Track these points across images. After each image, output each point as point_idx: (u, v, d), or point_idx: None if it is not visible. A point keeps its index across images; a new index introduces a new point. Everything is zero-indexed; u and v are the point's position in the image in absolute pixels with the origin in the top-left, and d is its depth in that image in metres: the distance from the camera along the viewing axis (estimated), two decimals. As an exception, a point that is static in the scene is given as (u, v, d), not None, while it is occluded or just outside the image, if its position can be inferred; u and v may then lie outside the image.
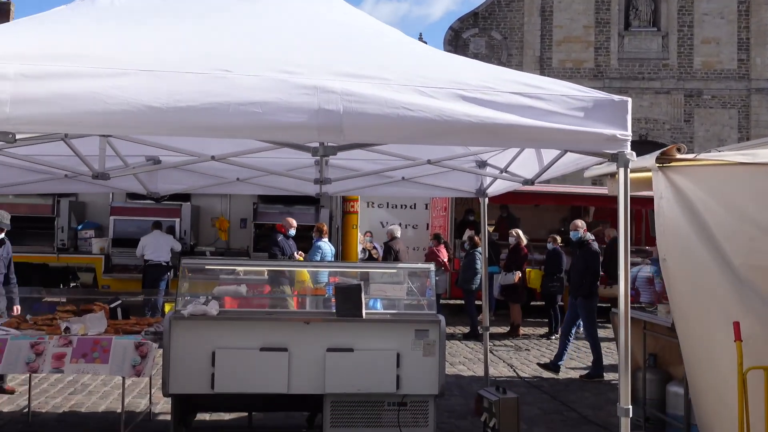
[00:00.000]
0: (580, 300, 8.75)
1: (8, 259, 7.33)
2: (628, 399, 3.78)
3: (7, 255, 7.31)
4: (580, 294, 8.76)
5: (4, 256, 7.26)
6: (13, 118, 3.32)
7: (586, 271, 8.78)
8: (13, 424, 6.13)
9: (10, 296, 7.18)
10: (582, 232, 9.10)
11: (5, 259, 7.28)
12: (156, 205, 13.09)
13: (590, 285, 8.74)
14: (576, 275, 8.91)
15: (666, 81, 23.14)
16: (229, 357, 5.49)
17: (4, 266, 7.26)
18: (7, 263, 7.31)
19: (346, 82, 3.53)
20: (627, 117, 3.69)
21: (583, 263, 8.84)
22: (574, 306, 8.91)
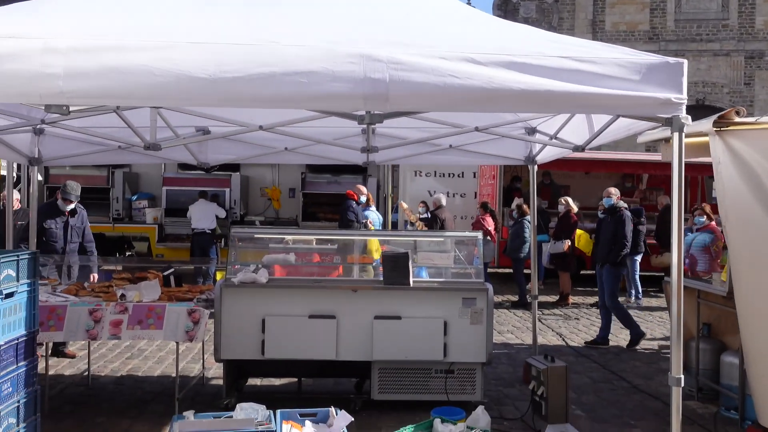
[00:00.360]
0: (607, 267, 8.64)
1: (82, 228, 7.55)
2: (679, 368, 3.73)
3: (81, 224, 7.53)
4: (609, 261, 8.65)
5: (78, 226, 7.48)
6: (66, 92, 3.40)
7: (614, 238, 8.66)
8: (75, 386, 6.38)
9: (87, 265, 7.44)
10: (615, 199, 9.00)
11: (78, 228, 7.50)
12: (206, 176, 13.34)
13: (618, 252, 8.61)
14: (604, 242, 8.81)
15: (725, 42, 22.25)
16: (279, 324, 5.58)
17: (78, 235, 7.49)
18: (81, 233, 7.54)
19: (393, 50, 3.50)
20: (682, 80, 3.57)
21: (613, 230, 8.72)
22: (601, 275, 8.80)
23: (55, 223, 7.30)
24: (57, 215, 7.33)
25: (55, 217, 7.32)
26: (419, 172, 15.68)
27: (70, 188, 7.33)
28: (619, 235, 8.67)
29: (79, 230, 7.50)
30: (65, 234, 7.35)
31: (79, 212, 7.51)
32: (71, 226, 7.39)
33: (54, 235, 7.28)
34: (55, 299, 5.53)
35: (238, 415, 4.53)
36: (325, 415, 4.69)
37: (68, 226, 7.36)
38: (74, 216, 7.42)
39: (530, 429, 5.45)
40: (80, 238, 7.54)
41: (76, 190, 7.34)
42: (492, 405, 5.99)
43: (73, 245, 7.44)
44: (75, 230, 7.43)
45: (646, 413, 5.98)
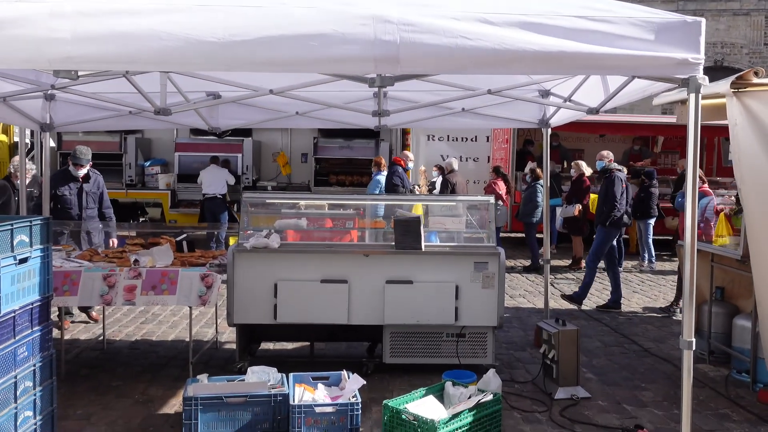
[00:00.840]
0: (599, 228, 8.64)
1: (98, 194, 7.48)
2: (691, 332, 3.72)
3: (97, 190, 7.45)
4: (599, 222, 8.67)
5: (93, 191, 7.41)
6: (74, 57, 3.38)
7: (606, 198, 8.64)
8: (90, 350, 6.47)
9: (107, 230, 7.45)
10: (607, 161, 9.01)
11: (94, 194, 7.42)
12: (218, 141, 13.34)
13: (609, 212, 8.57)
14: (599, 204, 8.85)
15: (746, 1, 21.73)
16: (291, 289, 5.61)
17: (94, 201, 7.42)
18: (98, 198, 7.47)
19: (404, 12, 3.44)
20: (700, 39, 3.48)
21: (605, 192, 8.71)
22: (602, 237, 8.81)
23: (68, 189, 7.28)
24: (70, 181, 7.31)
25: (68, 184, 7.30)
26: (432, 137, 15.59)
27: (79, 153, 7.29)
28: (609, 196, 8.62)
29: (95, 196, 7.44)
30: (80, 200, 7.33)
31: (94, 178, 7.44)
32: (86, 191, 7.34)
33: (68, 202, 7.26)
34: (70, 265, 5.58)
35: (251, 379, 4.60)
36: (337, 379, 4.75)
37: (82, 192, 7.33)
38: (88, 181, 7.39)
39: (541, 392, 5.49)
40: (97, 203, 7.47)
41: (86, 155, 7.30)
42: (503, 368, 6.02)
43: (89, 211, 7.39)
44: (90, 196, 7.38)
45: (658, 376, 5.99)
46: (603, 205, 8.69)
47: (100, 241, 7.36)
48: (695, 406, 5.15)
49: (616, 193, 8.60)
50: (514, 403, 5.24)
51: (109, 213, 7.60)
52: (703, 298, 6.49)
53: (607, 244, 8.72)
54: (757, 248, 4.77)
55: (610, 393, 5.55)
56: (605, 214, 8.61)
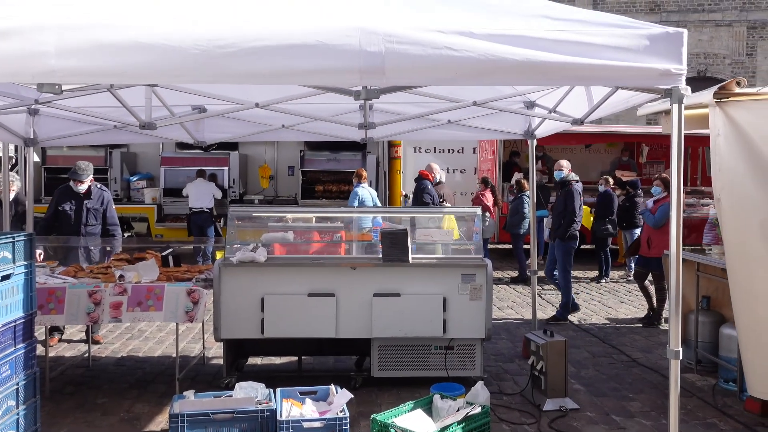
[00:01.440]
0: (558, 242, 8.58)
1: (101, 210, 7.23)
2: (678, 341, 3.72)
3: (100, 206, 7.21)
4: (558, 236, 8.59)
5: (95, 207, 7.19)
6: (58, 70, 3.35)
7: (564, 212, 8.60)
8: (75, 368, 6.39)
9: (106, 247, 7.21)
10: (566, 171, 8.90)
11: (96, 210, 7.19)
12: (205, 155, 13.31)
13: (567, 227, 8.55)
14: (556, 216, 8.77)
15: (727, 12, 22.02)
16: (278, 303, 5.58)
17: (96, 217, 7.19)
18: (100, 214, 7.22)
19: (388, 23, 3.44)
20: (682, 50, 3.51)
21: (563, 204, 8.65)
22: (553, 248, 8.83)
23: (69, 205, 7.08)
24: (72, 197, 7.13)
25: (70, 200, 7.13)
26: (419, 149, 15.63)
27: (78, 168, 7.13)
28: (569, 209, 8.60)
29: (97, 212, 7.20)
30: (80, 216, 7.13)
31: (98, 194, 7.23)
32: (87, 207, 7.13)
33: (68, 218, 7.09)
34: (54, 281, 5.52)
35: (238, 394, 4.55)
36: (325, 393, 4.71)
37: (83, 208, 7.13)
38: (90, 197, 7.16)
39: (530, 403, 5.47)
40: (99, 220, 7.23)
41: (86, 170, 7.12)
42: (491, 380, 6.01)
43: (90, 228, 7.16)
44: (92, 212, 7.17)
45: (645, 386, 6.00)
46: (561, 218, 8.62)
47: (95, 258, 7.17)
48: (683, 415, 5.16)
49: (575, 207, 8.59)
50: (502, 415, 5.22)
51: (113, 230, 7.33)
52: (689, 307, 6.51)
53: (571, 257, 8.70)
54: (734, 258, 4.81)
55: (599, 404, 5.55)
56: (564, 228, 8.58)
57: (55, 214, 7.14)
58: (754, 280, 4.74)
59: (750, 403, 5.33)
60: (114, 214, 7.40)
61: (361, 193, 10.47)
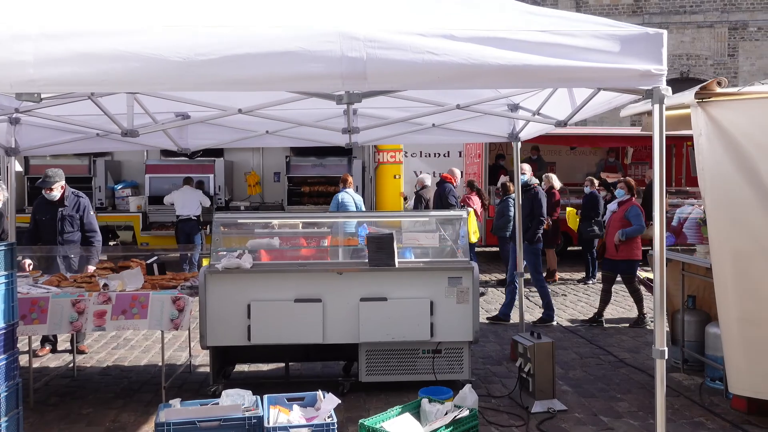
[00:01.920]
0: (525, 245, 8.55)
1: (77, 217, 7.07)
2: (663, 341, 3.74)
3: (76, 213, 7.06)
4: (525, 239, 8.57)
5: (70, 215, 7.04)
6: (38, 79, 3.34)
7: (530, 215, 8.67)
8: (60, 378, 6.33)
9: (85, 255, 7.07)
10: (528, 175, 8.96)
11: (71, 217, 7.04)
12: (190, 162, 13.23)
13: (534, 230, 8.61)
14: (523, 220, 8.66)
15: (709, 14, 22.21)
16: (265, 309, 5.55)
17: (73, 225, 7.04)
18: (77, 222, 7.06)
19: (369, 28, 3.45)
20: (662, 51, 3.54)
21: (529, 208, 8.71)
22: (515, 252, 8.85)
23: (46, 214, 7.03)
24: (47, 206, 7.02)
25: (46, 209, 7.03)
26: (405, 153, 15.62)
27: (46, 176, 7.01)
28: (536, 213, 8.67)
29: (73, 219, 7.06)
30: (55, 224, 7.03)
31: (74, 200, 7.09)
32: (63, 215, 7.01)
33: (45, 227, 7.02)
34: (37, 291, 5.46)
35: (225, 402, 4.51)
36: (312, 399, 4.69)
37: (57, 216, 6.99)
38: (65, 205, 7.03)
39: (518, 406, 5.47)
40: (77, 228, 7.08)
41: (53, 176, 6.96)
42: (479, 383, 6.00)
43: (67, 236, 7.03)
44: (67, 219, 7.03)
45: (633, 386, 6.01)
46: (529, 221, 8.64)
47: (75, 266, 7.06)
48: (670, 415, 5.18)
49: (542, 210, 8.68)
50: (491, 418, 5.22)
51: (92, 237, 7.16)
52: (675, 306, 6.54)
53: (540, 258, 8.74)
54: (719, 257, 4.85)
55: (587, 405, 5.55)
56: (531, 231, 8.62)
57: (35, 224, 7.07)
58: (737, 277, 4.78)
59: (737, 402, 5.35)
60: (92, 220, 7.23)
61: (341, 198, 10.42)
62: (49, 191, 6.94)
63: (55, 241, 7.00)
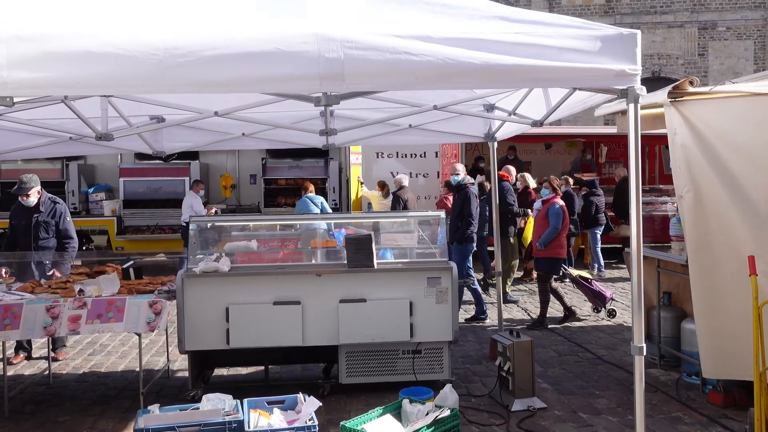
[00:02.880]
0: (455, 245, 8.60)
1: (53, 223, 6.97)
2: (641, 337, 3.78)
3: (51, 219, 6.96)
4: (455, 239, 8.63)
5: (45, 221, 6.94)
6: (10, 82, 3.29)
7: (461, 215, 8.71)
8: (35, 386, 6.23)
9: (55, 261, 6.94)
10: (462, 175, 9.01)
11: (46, 223, 6.94)
12: (165, 165, 13.10)
13: (464, 230, 8.63)
14: (453, 219, 8.84)
15: (679, 14, 22.54)
16: (243, 312, 5.52)
17: (48, 231, 6.94)
18: (52, 228, 6.96)
19: (346, 29, 3.44)
20: (636, 51, 3.58)
21: (460, 207, 8.76)
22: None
23: (23, 219, 6.92)
24: (23, 212, 6.94)
25: (22, 215, 6.95)
26: (381, 154, 15.63)
27: (21, 182, 6.91)
28: (465, 212, 8.70)
29: (49, 225, 6.96)
30: (30, 230, 6.91)
31: (50, 207, 6.99)
32: (38, 221, 6.92)
33: (20, 233, 6.93)
34: (10, 297, 5.37)
35: (205, 406, 4.48)
36: (293, 402, 4.67)
37: (32, 222, 6.90)
38: (41, 211, 6.93)
39: (498, 404, 5.50)
40: (52, 234, 6.97)
41: (27, 182, 6.88)
42: (460, 383, 6.03)
43: (42, 242, 6.93)
44: (42, 226, 6.94)
45: (611, 383, 6.08)
46: (458, 221, 8.68)
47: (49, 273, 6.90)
48: (648, 410, 5.24)
49: (472, 210, 8.70)
50: (471, 417, 5.24)
51: (67, 244, 7.04)
52: (651, 303, 6.62)
53: (468, 259, 8.75)
54: (695, 252, 4.92)
55: (566, 402, 5.60)
56: (460, 232, 8.63)
57: (12, 229, 6.97)
58: (714, 273, 4.85)
59: (713, 396, 5.43)
60: (68, 227, 7.11)
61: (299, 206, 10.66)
62: (26, 197, 6.86)
63: (31, 247, 6.90)
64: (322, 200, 11.20)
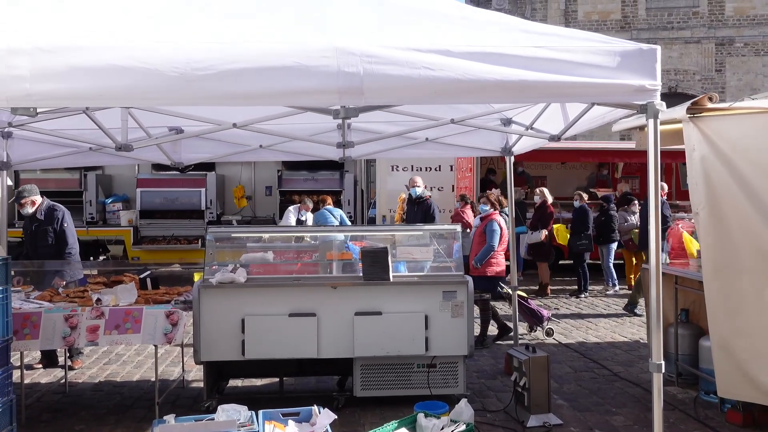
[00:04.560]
0: None
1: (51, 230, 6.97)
2: (660, 354, 3.75)
3: (49, 226, 6.97)
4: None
5: (44, 228, 6.96)
6: (34, 94, 3.33)
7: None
8: (51, 394, 6.26)
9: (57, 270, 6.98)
10: (421, 188, 9.16)
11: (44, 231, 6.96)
12: (181, 176, 13.20)
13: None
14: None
15: (696, 30, 22.48)
16: (259, 323, 5.53)
17: (47, 238, 6.96)
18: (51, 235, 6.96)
19: (366, 44, 3.46)
20: (656, 66, 3.58)
21: (422, 220, 8.86)
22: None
23: (28, 228, 7.02)
24: (28, 221, 7.03)
25: (27, 224, 7.05)
26: (396, 167, 15.62)
27: (18, 192, 7.00)
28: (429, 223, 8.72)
29: (48, 233, 6.97)
30: (31, 238, 6.98)
31: (48, 213, 7.02)
32: (38, 230, 6.96)
33: (26, 241, 7.06)
34: (29, 306, 5.42)
35: (220, 417, 4.48)
36: (308, 414, 4.66)
37: (32, 230, 6.97)
38: (40, 219, 6.97)
39: (513, 420, 5.46)
40: (52, 241, 6.99)
41: (24, 192, 6.95)
42: (475, 397, 5.99)
43: (42, 249, 6.97)
44: (40, 233, 6.96)
45: (628, 400, 6.02)
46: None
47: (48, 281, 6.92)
48: (666, 428, 5.16)
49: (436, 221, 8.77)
50: (487, 432, 5.21)
51: (67, 250, 7.02)
52: (668, 320, 6.56)
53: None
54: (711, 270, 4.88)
55: (582, 419, 5.55)
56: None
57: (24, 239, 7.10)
58: (730, 291, 4.80)
59: (732, 415, 5.36)
60: (68, 232, 7.05)
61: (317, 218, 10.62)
62: (23, 206, 6.95)
63: (36, 255, 6.98)
64: (341, 213, 11.21)
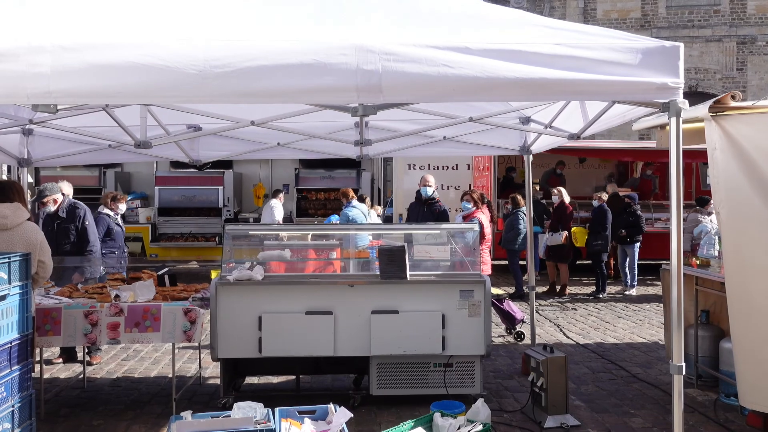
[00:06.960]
0: None
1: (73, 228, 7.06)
2: (680, 356, 3.70)
3: (71, 224, 7.06)
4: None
5: (65, 226, 7.06)
6: (54, 91, 3.34)
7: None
8: (70, 389, 6.31)
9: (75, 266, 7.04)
10: (433, 189, 8.97)
11: (65, 228, 7.06)
12: (199, 174, 13.29)
13: None
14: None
15: (717, 28, 22.22)
16: (276, 321, 5.53)
17: (68, 236, 7.04)
18: (73, 233, 7.06)
19: (385, 41, 3.45)
20: (679, 64, 3.53)
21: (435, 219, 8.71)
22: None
23: (48, 226, 7.04)
24: (49, 219, 7.09)
25: (49, 221, 7.09)
26: (413, 165, 15.62)
27: (39, 191, 7.06)
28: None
29: (68, 230, 7.06)
30: (54, 236, 6.96)
31: (70, 211, 7.11)
32: (60, 228, 7.04)
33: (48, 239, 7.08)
34: (48, 301, 5.46)
35: (236, 414, 4.48)
36: (324, 412, 4.65)
37: (54, 228, 7.02)
38: (62, 217, 7.06)
39: (530, 420, 5.42)
40: (74, 239, 7.08)
41: (44, 191, 7.03)
42: (491, 397, 5.96)
43: (65, 247, 7.04)
44: (62, 231, 7.05)
45: (646, 402, 5.96)
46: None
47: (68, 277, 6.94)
48: (685, 431, 5.12)
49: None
50: (503, 432, 5.18)
51: (89, 247, 7.14)
52: (688, 322, 6.48)
53: None
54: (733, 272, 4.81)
55: (600, 420, 5.50)
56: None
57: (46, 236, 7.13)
58: (752, 293, 4.74)
59: (752, 418, 5.29)
60: (90, 230, 7.15)
61: (352, 214, 10.04)
62: (43, 205, 7.01)
63: (57, 253, 7.00)
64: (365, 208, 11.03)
